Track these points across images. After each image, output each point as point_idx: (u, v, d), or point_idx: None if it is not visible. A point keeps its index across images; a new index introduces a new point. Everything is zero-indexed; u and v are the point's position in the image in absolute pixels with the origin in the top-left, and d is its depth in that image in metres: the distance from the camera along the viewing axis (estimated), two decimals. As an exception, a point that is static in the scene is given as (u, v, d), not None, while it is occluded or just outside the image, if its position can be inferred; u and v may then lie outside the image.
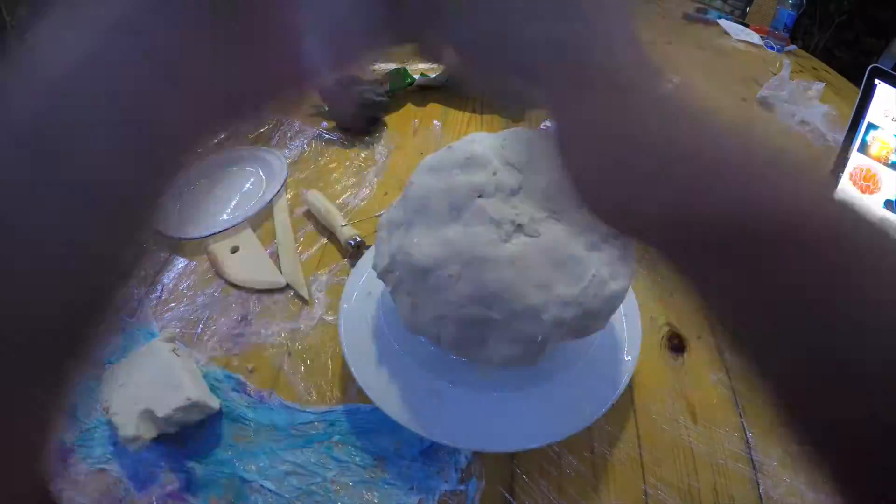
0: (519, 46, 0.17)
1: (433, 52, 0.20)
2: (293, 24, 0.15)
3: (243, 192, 0.66)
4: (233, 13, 0.14)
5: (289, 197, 0.65)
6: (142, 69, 0.14)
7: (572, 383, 0.39)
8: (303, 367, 0.45)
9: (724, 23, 1.36)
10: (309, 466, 0.38)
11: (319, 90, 0.80)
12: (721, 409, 0.42)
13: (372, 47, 0.18)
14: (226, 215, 0.61)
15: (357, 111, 0.77)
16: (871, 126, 0.60)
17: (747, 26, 1.33)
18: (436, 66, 1.05)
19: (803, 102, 0.89)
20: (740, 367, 0.17)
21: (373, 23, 0.17)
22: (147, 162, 0.15)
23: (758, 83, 1.01)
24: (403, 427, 0.39)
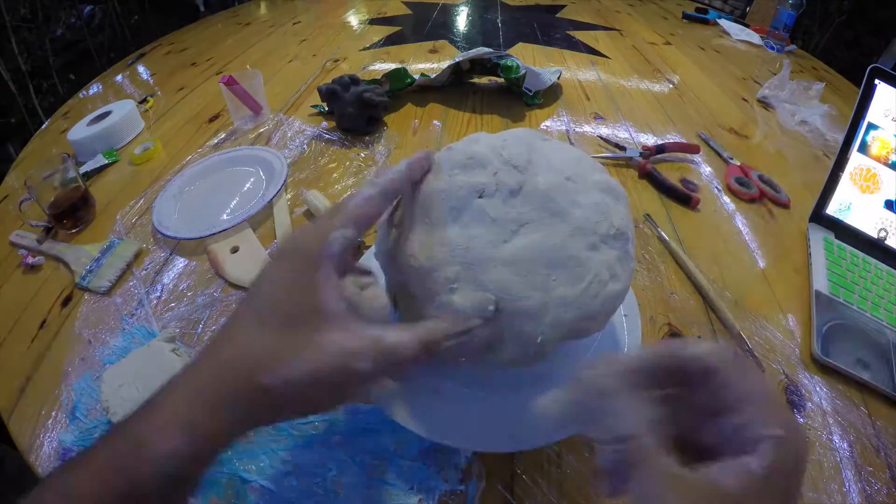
0: None
1: None
2: None
3: (243, 192, 0.66)
4: None
5: (289, 197, 0.65)
6: None
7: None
8: (303, 367, 0.45)
9: (724, 23, 1.36)
10: (309, 466, 0.38)
11: (319, 90, 0.80)
12: (721, 409, 0.42)
13: None
14: (226, 215, 0.61)
15: (357, 111, 0.77)
16: (871, 126, 0.60)
17: (747, 26, 1.33)
18: (436, 65, 1.05)
19: (803, 102, 0.89)
20: None
21: None
22: None
23: (758, 83, 1.01)
24: (403, 427, 0.39)
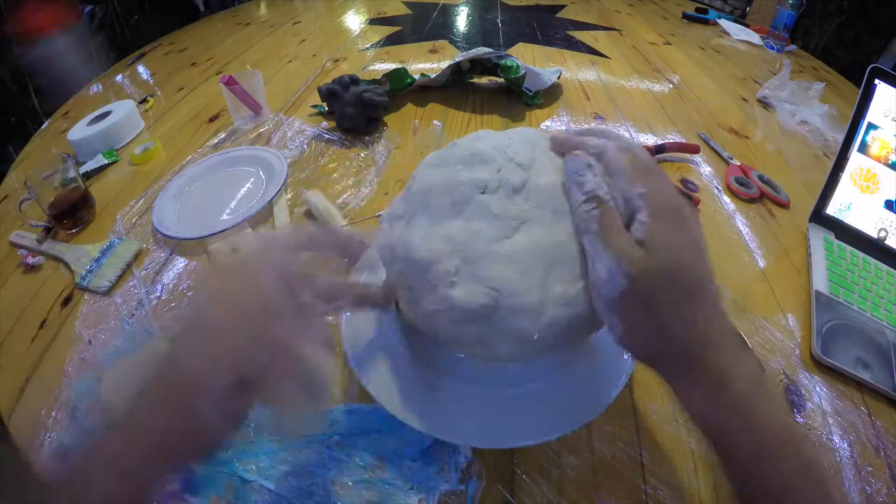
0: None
1: None
2: None
3: (243, 192, 0.66)
4: None
5: (289, 197, 0.65)
6: None
7: (572, 381, 0.39)
8: (303, 367, 0.45)
9: (724, 23, 1.36)
10: (309, 466, 0.38)
11: (319, 90, 0.80)
12: (721, 409, 0.42)
13: None
14: (226, 215, 0.61)
15: (357, 111, 0.77)
16: (871, 126, 0.60)
17: (747, 26, 1.33)
18: (436, 65, 1.05)
19: (803, 102, 0.89)
20: None
21: None
22: None
23: (758, 83, 1.01)
24: (403, 427, 0.39)
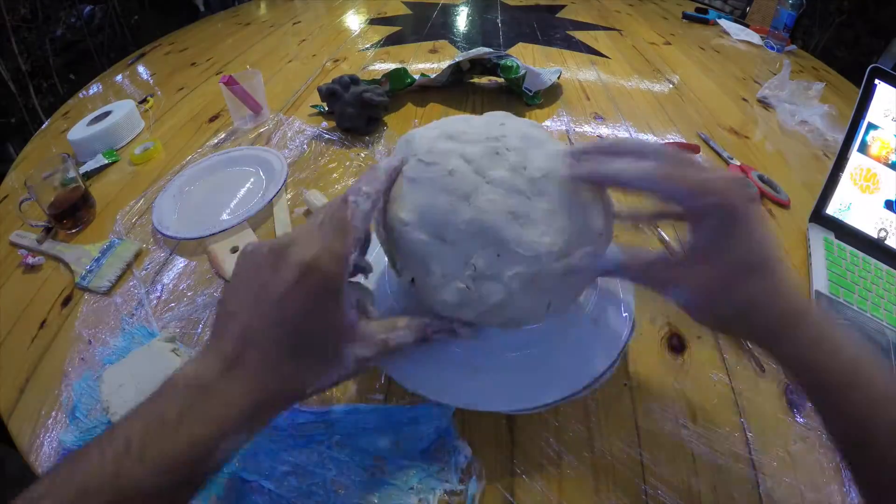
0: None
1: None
2: None
3: (243, 192, 0.66)
4: None
5: (289, 197, 0.65)
6: None
7: (569, 348, 0.40)
8: (303, 367, 0.45)
9: (724, 23, 1.36)
10: (309, 466, 0.38)
11: (319, 90, 0.80)
12: (721, 409, 0.42)
13: None
14: (226, 215, 0.61)
15: (357, 111, 0.77)
16: (871, 126, 0.60)
17: (747, 26, 1.33)
18: (436, 65, 1.05)
19: (803, 102, 0.89)
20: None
21: None
22: None
23: (758, 83, 1.01)
24: (404, 426, 0.39)
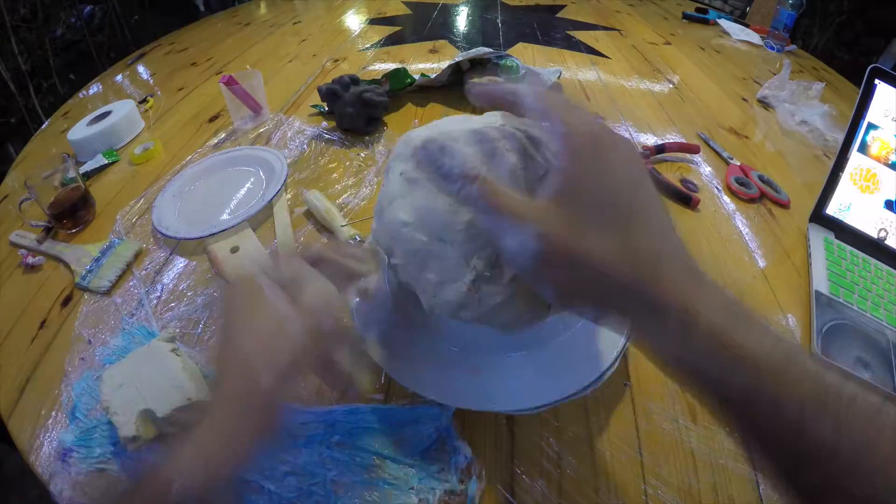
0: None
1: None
2: None
3: (243, 192, 0.66)
4: None
5: (289, 197, 0.65)
6: None
7: (569, 349, 0.40)
8: (303, 367, 0.45)
9: (724, 23, 1.36)
10: (309, 466, 0.38)
11: (319, 90, 0.80)
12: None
13: None
14: (226, 215, 0.61)
15: (357, 111, 0.77)
16: (871, 126, 0.60)
17: (747, 26, 1.33)
18: (436, 65, 1.05)
19: (803, 102, 0.89)
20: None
21: None
22: None
23: (758, 83, 1.01)
24: (404, 426, 0.39)
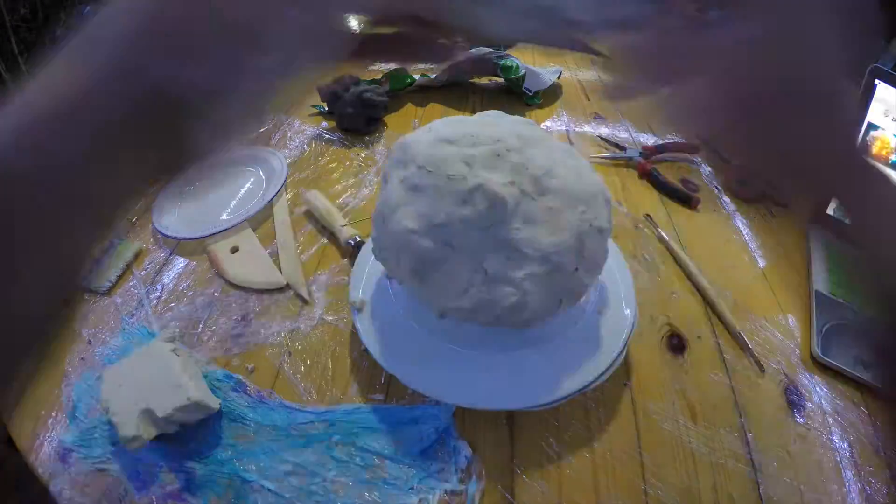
0: None
1: None
2: None
3: (243, 192, 0.66)
4: None
5: (289, 197, 0.65)
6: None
7: (570, 347, 0.41)
8: (303, 367, 0.45)
9: (724, 23, 1.36)
10: (309, 466, 0.38)
11: (319, 90, 0.80)
12: (721, 409, 0.42)
13: None
14: (226, 215, 0.61)
15: (357, 111, 0.77)
16: (871, 126, 0.60)
17: (747, 26, 1.33)
18: (436, 66, 1.05)
19: (803, 102, 0.89)
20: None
21: None
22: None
23: (758, 83, 1.01)
24: (403, 426, 0.39)
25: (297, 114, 0.87)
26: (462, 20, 0.21)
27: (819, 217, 0.61)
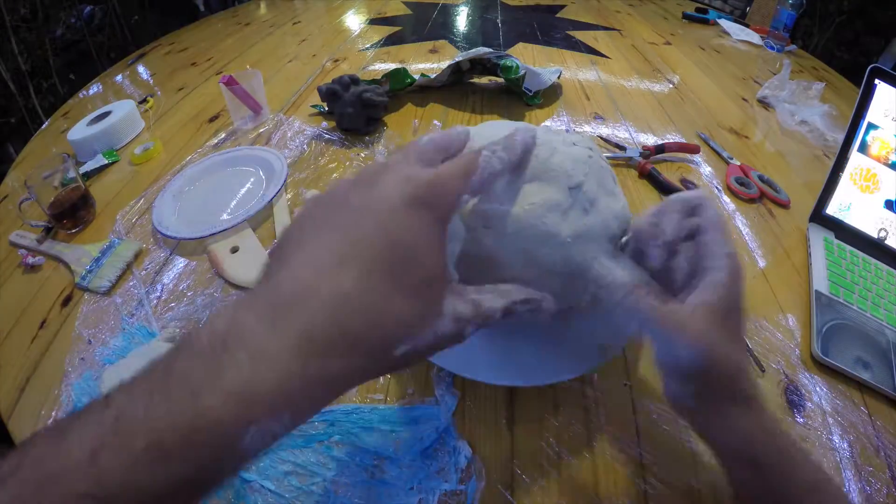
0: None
1: None
2: None
3: (243, 192, 0.66)
4: None
5: (289, 197, 0.65)
6: None
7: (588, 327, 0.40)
8: (303, 367, 0.45)
9: (724, 23, 1.36)
10: (309, 466, 0.38)
11: (319, 90, 0.80)
12: (721, 409, 0.42)
13: None
14: (226, 215, 0.61)
15: (357, 111, 0.77)
16: (871, 126, 0.60)
17: (747, 26, 1.33)
18: (436, 65, 1.05)
19: (803, 102, 0.89)
20: None
21: None
22: None
23: (758, 83, 1.01)
24: (403, 426, 0.39)
25: (297, 114, 0.87)
26: None
27: (819, 217, 0.61)
